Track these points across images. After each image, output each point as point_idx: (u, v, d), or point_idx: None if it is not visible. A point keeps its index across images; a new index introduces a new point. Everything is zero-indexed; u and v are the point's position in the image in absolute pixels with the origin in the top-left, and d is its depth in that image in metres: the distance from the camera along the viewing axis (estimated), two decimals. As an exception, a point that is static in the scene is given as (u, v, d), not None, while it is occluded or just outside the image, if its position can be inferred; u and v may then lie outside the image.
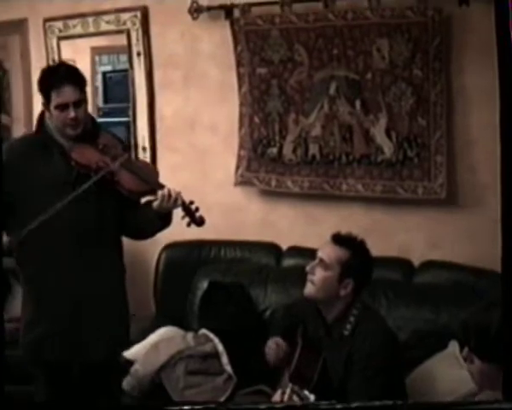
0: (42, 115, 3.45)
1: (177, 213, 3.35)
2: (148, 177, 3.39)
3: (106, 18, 5.19)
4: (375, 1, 4.17)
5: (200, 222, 3.38)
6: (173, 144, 4.97)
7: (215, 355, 4.10)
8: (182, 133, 4.95)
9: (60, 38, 5.43)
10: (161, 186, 3.34)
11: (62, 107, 3.28)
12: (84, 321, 3.38)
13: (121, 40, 5.18)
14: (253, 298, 4.36)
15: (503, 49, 2.34)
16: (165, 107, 5.02)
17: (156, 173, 3.46)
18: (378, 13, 4.18)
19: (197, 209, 3.37)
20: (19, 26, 5.66)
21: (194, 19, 4.78)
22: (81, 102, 3.34)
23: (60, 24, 5.40)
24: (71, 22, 5.35)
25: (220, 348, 4.10)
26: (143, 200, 3.47)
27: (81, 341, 3.38)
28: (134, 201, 3.42)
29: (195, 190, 4.50)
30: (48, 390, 3.51)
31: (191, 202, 3.36)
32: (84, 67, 5.33)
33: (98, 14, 5.21)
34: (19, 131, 5.87)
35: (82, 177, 3.30)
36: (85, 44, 5.41)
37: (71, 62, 5.36)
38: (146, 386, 4.00)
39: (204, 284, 4.48)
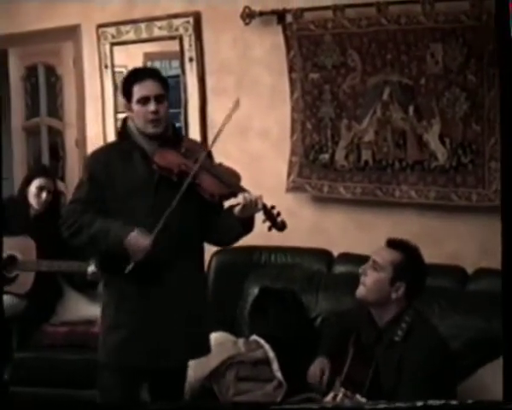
0: (124, 122, 3.50)
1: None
2: (230, 180, 3.39)
3: (158, 24, 5.23)
4: (429, 5, 4.12)
5: (281, 227, 3.38)
6: (225, 150, 4.91)
7: (266, 362, 4.08)
8: (233, 139, 4.93)
9: (113, 44, 5.49)
10: (243, 190, 3.34)
11: (144, 100, 3.34)
12: (164, 327, 3.37)
13: (173, 46, 5.21)
14: (304, 304, 4.34)
15: (503, 49, 2.34)
16: (217, 112, 5.01)
17: (238, 177, 3.45)
18: (432, 17, 4.13)
19: (279, 214, 3.36)
20: (72, 32, 5.75)
21: (247, 24, 4.78)
22: (163, 97, 3.38)
23: (113, 30, 5.45)
24: (124, 28, 5.40)
25: (271, 354, 4.08)
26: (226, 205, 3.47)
27: (161, 346, 3.37)
28: (216, 206, 3.41)
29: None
30: (115, 393, 3.48)
31: (273, 207, 3.36)
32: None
33: (151, 19, 5.25)
34: (71, 135, 5.94)
35: (164, 180, 3.33)
36: (138, 50, 5.45)
37: (123, 68, 5.47)
38: (196, 391, 3.99)
39: (255, 290, 4.47)
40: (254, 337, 4.21)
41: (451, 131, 4.22)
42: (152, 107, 3.33)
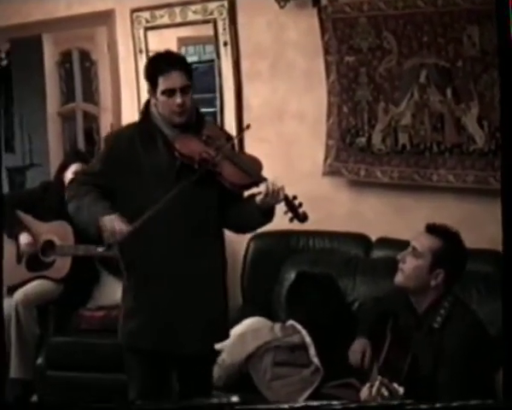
0: (147, 104, 3.47)
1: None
2: (252, 170, 3.36)
3: (193, 8, 5.21)
4: (466, -13, 4.07)
5: (303, 218, 3.35)
6: (261, 134, 4.94)
7: (302, 347, 4.07)
8: (269, 123, 4.93)
9: (147, 29, 5.47)
10: (264, 180, 3.30)
11: (169, 92, 3.30)
12: (183, 312, 3.38)
13: (207, 30, 5.19)
14: (342, 289, 4.32)
15: (504, 49, 2.37)
16: (253, 96, 5.01)
17: (260, 166, 3.41)
18: (468, -1, 4.08)
19: (300, 205, 3.33)
20: (106, 17, 5.73)
21: (282, 7, 4.76)
22: (188, 88, 3.36)
23: (147, 14, 5.44)
24: (158, 12, 5.38)
25: (308, 339, 4.07)
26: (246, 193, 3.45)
27: (180, 332, 3.39)
28: (236, 194, 3.40)
29: (283, 180, 4.49)
30: (142, 380, 3.52)
31: (294, 197, 3.33)
32: (170, 57, 5.41)
33: (185, 3, 5.23)
34: (106, 120, 5.95)
35: (185, 167, 3.32)
36: (172, 35, 5.44)
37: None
38: (232, 377, 4.00)
39: (292, 275, 4.45)
40: (291, 322, 4.19)
41: (490, 113, 4.15)
42: (178, 99, 3.30)
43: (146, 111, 3.46)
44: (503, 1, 2.38)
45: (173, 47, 5.40)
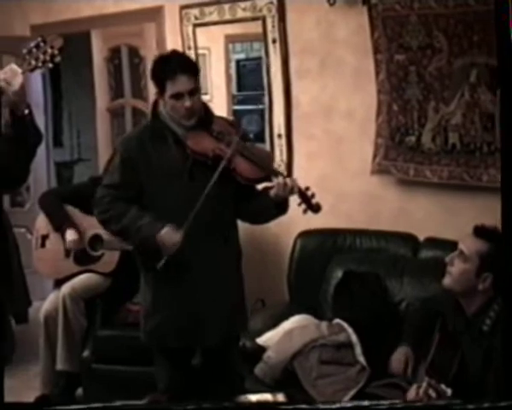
0: (156, 104, 3.49)
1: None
2: (264, 163, 3.38)
3: (242, 5, 5.21)
4: (519, -15, 4.02)
5: (316, 209, 3.35)
6: (309, 132, 4.94)
7: (349, 345, 4.05)
8: (318, 120, 4.92)
9: (195, 26, 5.48)
10: (277, 173, 3.34)
11: (177, 96, 3.31)
12: (203, 305, 3.43)
13: (255, 28, 5.18)
14: (389, 289, 4.29)
15: (504, 49, 2.36)
16: (301, 94, 4.99)
17: (271, 159, 3.47)
18: (521, -3, 4.03)
19: (313, 195, 3.34)
20: (155, 13, 5.76)
21: (331, 5, 4.73)
22: (196, 90, 3.37)
23: (196, 11, 5.45)
24: (207, 9, 5.39)
25: (354, 338, 4.05)
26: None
27: (200, 325, 3.44)
28: (249, 187, 3.43)
29: (331, 178, 4.50)
30: (170, 375, 3.59)
31: (307, 188, 3.34)
32: (218, 55, 5.42)
33: (234, 0, 5.23)
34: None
35: (197, 164, 3.34)
36: (219, 32, 5.44)
37: (205, 51, 5.48)
38: (278, 373, 3.99)
39: (339, 273, 4.43)
40: (337, 321, 4.18)
41: (542, 114, 4.11)
42: (187, 103, 3.31)
43: (155, 111, 3.48)
44: (503, 1, 2.39)
45: (220, 44, 5.43)
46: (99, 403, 2.61)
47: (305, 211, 3.35)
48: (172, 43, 5.64)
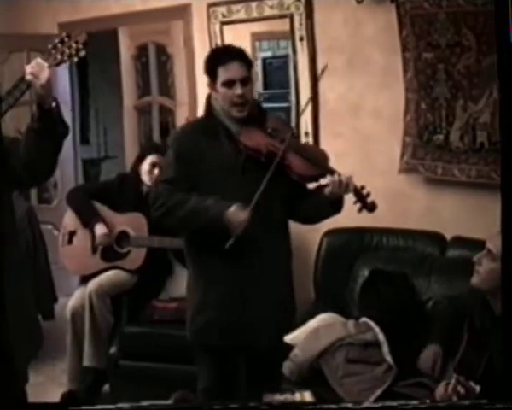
0: (209, 99, 3.48)
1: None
2: (318, 161, 3.35)
3: (269, 2, 5.20)
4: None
5: (371, 208, 3.34)
6: (336, 130, 4.93)
7: (375, 344, 4.03)
8: (345, 119, 4.91)
9: (223, 23, 5.48)
10: (332, 171, 3.30)
11: (229, 83, 3.31)
12: (251, 307, 3.39)
13: (282, 25, 5.18)
14: (416, 288, 4.27)
15: (504, 49, 2.38)
16: (329, 92, 4.97)
17: (326, 158, 3.41)
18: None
19: (368, 194, 3.32)
20: (182, 11, 5.77)
21: (359, 3, 4.73)
22: (248, 80, 3.36)
23: (223, 9, 5.45)
24: (235, 7, 5.39)
25: (381, 337, 4.03)
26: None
27: (248, 326, 3.40)
28: (303, 185, 3.39)
29: (358, 176, 4.44)
30: (211, 375, 3.55)
31: (362, 187, 3.31)
32: (244, 52, 5.42)
33: (262, -2, 5.24)
34: (182, 114, 5.99)
35: (250, 160, 3.32)
36: (246, 30, 5.44)
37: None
38: (305, 372, 3.98)
39: (365, 272, 4.42)
40: (364, 319, 4.16)
41: None
42: (238, 90, 3.30)
43: (208, 107, 3.47)
44: (503, 1, 2.39)
45: (247, 42, 5.42)
46: (126, 402, 2.62)
47: (360, 210, 3.34)
48: (200, 40, 5.65)
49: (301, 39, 5.07)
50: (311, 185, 3.45)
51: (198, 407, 3.36)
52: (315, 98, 5.03)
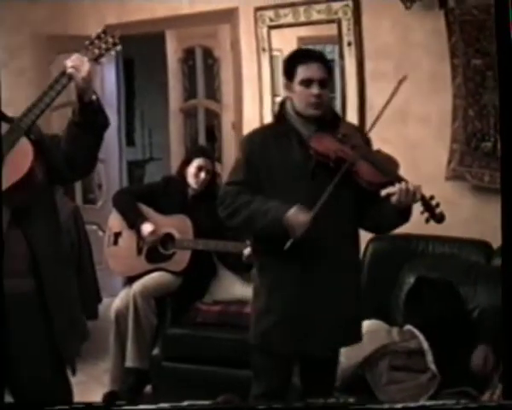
0: (282, 104, 3.49)
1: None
2: (388, 169, 3.33)
3: (317, 7, 5.21)
4: None
5: (440, 218, 3.29)
6: (383, 135, 4.84)
7: (420, 352, 4.01)
8: (392, 124, 4.85)
9: (270, 28, 5.49)
10: (401, 179, 3.26)
11: (307, 82, 3.32)
12: (316, 314, 3.35)
13: (328, 30, 5.18)
14: (462, 296, 4.23)
15: (504, 49, 2.37)
16: (376, 97, 4.95)
17: (396, 165, 3.37)
18: None
19: (437, 205, 3.28)
20: (230, 15, 5.80)
21: (408, 8, 4.70)
22: (326, 82, 3.36)
23: (271, 13, 5.47)
24: (282, 11, 5.40)
25: (425, 345, 4.01)
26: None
27: (311, 334, 3.36)
28: (372, 193, 3.33)
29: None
30: (269, 379, 3.52)
31: (431, 197, 3.27)
32: (290, 57, 5.42)
33: (310, 3, 5.23)
34: (228, 118, 6.01)
35: (319, 166, 3.31)
36: (292, 34, 5.45)
37: (278, 52, 5.49)
38: (348, 378, 3.96)
39: (411, 279, 4.38)
40: (409, 327, 4.14)
41: None
42: (315, 90, 3.30)
43: (281, 111, 3.48)
44: (503, 1, 2.38)
45: (293, 46, 5.40)
46: (167, 403, 2.63)
47: (427, 220, 3.30)
48: (246, 44, 5.68)
49: (349, 44, 5.07)
50: (380, 193, 3.42)
51: (238, 407, 3.36)
52: (362, 104, 5.02)
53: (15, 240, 2.92)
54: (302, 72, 3.33)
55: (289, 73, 3.40)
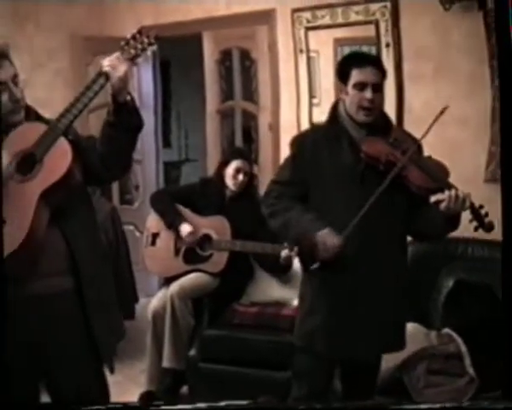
0: (335, 106, 3.48)
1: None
2: (438, 175, 3.31)
3: (355, 8, 5.19)
4: None
5: (489, 228, 3.28)
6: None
7: (458, 356, 3.98)
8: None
9: (307, 29, 5.48)
10: (450, 186, 3.25)
11: (361, 86, 3.31)
12: (361, 318, 3.34)
13: (365, 31, 5.17)
14: (500, 300, 4.20)
15: (504, 48, 2.35)
16: (414, 99, 4.94)
17: (446, 172, 3.35)
18: None
19: (487, 214, 3.26)
20: (267, 16, 5.80)
21: (446, 10, 4.68)
22: (379, 87, 3.35)
23: (308, 14, 5.47)
24: (319, 13, 5.39)
25: (463, 349, 3.98)
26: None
27: (356, 337, 3.35)
28: (420, 199, 3.34)
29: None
30: (312, 380, 3.51)
31: (481, 206, 3.26)
32: (326, 58, 5.41)
33: (348, 4, 5.22)
34: (265, 119, 6.01)
35: (369, 169, 3.30)
36: (329, 35, 5.44)
37: (314, 54, 5.49)
38: (386, 380, 3.93)
39: (449, 283, 4.34)
40: (447, 330, 4.12)
41: None
42: (368, 94, 3.29)
43: (333, 113, 3.47)
44: (503, 1, 2.36)
45: (329, 47, 5.42)
46: (204, 403, 2.63)
47: (476, 229, 3.30)
48: (284, 45, 5.68)
49: (387, 45, 5.05)
50: (429, 199, 3.39)
51: (275, 407, 3.35)
52: (400, 105, 5.00)
53: (55, 239, 2.93)
54: (356, 75, 3.32)
55: (343, 75, 3.39)
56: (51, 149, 2.87)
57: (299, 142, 3.53)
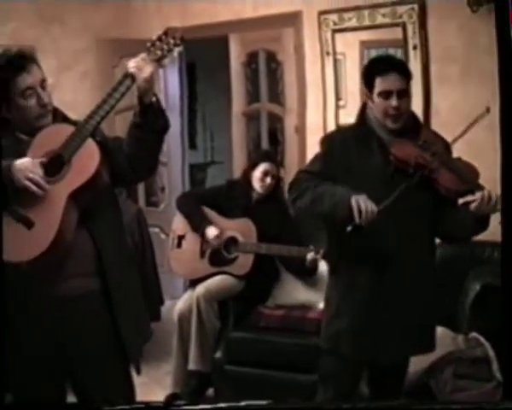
0: (363, 107, 3.46)
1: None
2: (468, 177, 3.30)
3: (382, 11, 5.18)
4: None
5: None
6: (448, 140, 4.85)
7: (485, 360, 3.97)
8: (458, 129, 4.80)
9: (334, 31, 5.48)
10: (481, 188, 3.23)
11: (386, 94, 3.28)
12: (387, 320, 3.32)
13: (391, 34, 5.15)
14: (529, 304, 4.17)
15: (504, 48, 2.47)
16: (442, 101, 4.91)
17: (476, 174, 3.34)
18: None
19: None
20: (293, 18, 5.80)
21: (474, 12, 4.64)
22: (405, 92, 3.32)
23: (335, 17, 5.46)
24: (346, 15, 5.38)
25: (491, 353, 3.96)
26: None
27: (381, 340, 3.33)
28: (451, 200, 3.32)
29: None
30: (338, 383, 3.49)
31: None
32: (352, 60, 5.41)
33: (374, 6, 5.20)
34: (291, 122, 6.01)
35: (399, 172, 3.28)
36: (355, 38, 5.44)
37: (340, 56, 5.48)
38: (412, 384, 3.92)
39: (476, 286, 4.31)
40: (474, 334, 4.10)
41: None
42: (393, 102, 3.26)
43: (362, 114, 3.45)
44: (503, 1, 2.38)
45: (356, 50, 5.41)
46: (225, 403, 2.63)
47: None
48: (310, 48, 5.68)
49: (414, 48, 5.03)
50: (458, 201, 3.37)
51: (296, 407, 3.35)
52: (427, 108, 4.98)
53: (82, 240, 2.95)
54: (380, 84, 3.29)
55: (368, 84, 3.36)
56: (79, 150, 2.89)
57: (328, 140, 3.52)
